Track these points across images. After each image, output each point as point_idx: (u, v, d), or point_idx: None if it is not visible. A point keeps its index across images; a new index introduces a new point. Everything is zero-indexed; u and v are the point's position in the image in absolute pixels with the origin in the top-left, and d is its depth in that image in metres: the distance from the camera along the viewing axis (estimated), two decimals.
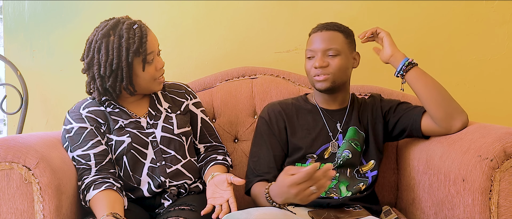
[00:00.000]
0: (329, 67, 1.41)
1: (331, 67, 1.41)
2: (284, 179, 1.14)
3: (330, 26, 1.44)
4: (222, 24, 1.93)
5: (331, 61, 1.41)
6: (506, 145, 1.15)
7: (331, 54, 1.41)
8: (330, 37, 1.42)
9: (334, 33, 1.43)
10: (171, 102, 1.52)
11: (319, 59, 1.41)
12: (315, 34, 1.45)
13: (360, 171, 1.45)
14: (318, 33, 1.44)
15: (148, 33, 1.39)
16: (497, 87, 1.93)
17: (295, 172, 1.11)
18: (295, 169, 1.14)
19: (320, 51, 1.42)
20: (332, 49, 1.41)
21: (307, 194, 1.11)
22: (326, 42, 1.42)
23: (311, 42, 1.45)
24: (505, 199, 1.16)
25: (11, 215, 1.20)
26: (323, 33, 1.43)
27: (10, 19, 1.97)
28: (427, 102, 1.38)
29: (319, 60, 1.41)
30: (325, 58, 1.42)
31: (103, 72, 1.35)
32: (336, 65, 1.41)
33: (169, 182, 1.42)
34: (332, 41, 1.42)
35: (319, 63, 1.41)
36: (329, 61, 1.41)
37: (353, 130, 1.47)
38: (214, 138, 1.58)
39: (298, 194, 1.11)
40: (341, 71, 1.42)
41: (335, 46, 1.41)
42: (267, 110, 1.52)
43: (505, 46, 1.92)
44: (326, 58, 1.42)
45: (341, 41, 1.43)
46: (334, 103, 1.50)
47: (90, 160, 1.34)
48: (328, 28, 1.44)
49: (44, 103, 1.98)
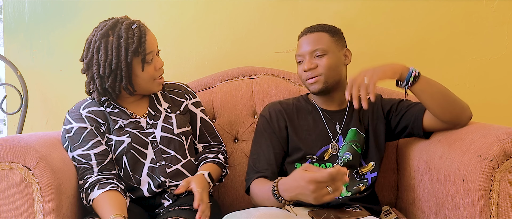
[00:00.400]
0: (318, 68, 1.42)
1: (320, 67, 1.42)
2: (302, 173, 1.12)
3: (314, 28, 1.46)
4: (222, 24, 1.93)
5: (319, 61, 1.42)
6: (506, 145, 1.15)
7: (318, 54, 1.42)
8: (315, 38, 1.44)
9: (318, 34, 1.44)
10: (171, 102, 1.52)
11: (307, 61, 1.43)
12: (301, 39, 1.47)
13: (359, 172, 1.45)
14: (304, 37, 1.47)
15: (147, 33, 1.39)
16: (497, 87, 1.93)
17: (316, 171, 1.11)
18: (315, 168, 1.13)
19: (307, 54, 1.43)
20: (318, 50, 1.42)
21: (323, 194, 1.10)
22: (312, 44, 1.43)
23: (298, 47, 1.48)
24: (505, 199, 1.15)
25: (11, 215, 1.20)
26: (308, 36, 1.45)
27: (10, 19, 1.97)
28: (433, 110, 1.35)
29: (307, 63, 1.42)
30: (313, 59, 1.43)
31: (102, 72, 1.35)
32: (325, 64, 1.42)
33: (169, 182, 1.42)
34: (317, 42, 1.43)
35: (307, 65, 1.42)
36: (317, 62, 1.42)
37: (354, 132, 1.47)
38: (213, 137, 1.58)
39: (315, 191, 1.09)
40: (331, 70, 1.42)
41: (321, 46, 1.42)
42: (268, 109, 1.52)
43: (505, 46, 1.92)
44: (314, 60, 1.43)
45: (327, 40, 1.44)
46: (332, 104, 1.50)
47: (91, 160, 1.35)
48: (312, 30, 1.46)
49: (44, 103, 1.98)
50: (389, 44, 1.90)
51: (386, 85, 1.78)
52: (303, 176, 1.11)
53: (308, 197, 1.12)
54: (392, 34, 1.91)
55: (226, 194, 1.70)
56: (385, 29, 1.91)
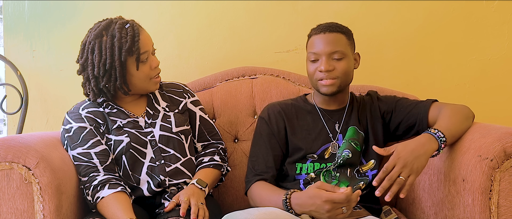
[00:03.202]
0: (335, 71, 1.39)
1: (337, 71, 1.39)
2: (319, 192, 1.17)
3: (333, 28, 1.40)
4: (222, 24, 1.93)
5: (336, 64, 1.39)
6: (506, 145, 1.15)
7: (336, 58, 1.38)
8: (333, 39, 1.39)
9: (337, 35, 1.40)
10: (169, 101, 1.53)
11: (324, 62, 1.38)
12: (318, 36, 1.41)
13: (360, 170, 1.45)
14: (321, 35, 1.40)
15: (141, 32, 1.40)
16: (497, 87, 1.93)
17: (330, 190, 1.17)
18: (330, 187, 1.18)
19: (325, 54, 1.38)
20: (337, 52, 1.38)
21: (338, 213, 1.17)
22: (331, 45, 1.38)
23: (313, 45, 1.42)
24: (505, 199, 1.16)
25: (11, 215, 1.20)
26: (326, 35, 1.40)
27: (10, 19, 1.97)
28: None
29: (325, 64, 1.38)
30: (331, 61, 1.39)
31: (97, 73, 1.36)
32: (342, 68, 1.39)
33: (169, 181, 1.42)
34: (336, 43, 1.39)
35: (325, 67, 1.38)
36: (335, 65, 1.39)
37: (353, 130, 1.47)
38: (213, 136, 1.58)
39: (330, 210, 1.15)
40: (347, 75, 1.41)
41: (340, 48, 1.38)
42: (267, 111, 1.52)
43: (505, 46, 1.91)
44: (332, 62, 1.39)
45: (345, 43, 1.40)
46: (333, 104, 1.50)
47: (92, 159, 1.35)
48: (331, 29, 1.40)
49: (44, 103, 1.98)
50: (389, 44, 1.90)
51: (386, 84, 1.78)
52: (320, 195, 1.16)
53: (322, 216, 1.17)
54: (392, 34, 1.91)
55: (226, 194, 1.70)
56: (385, 29, 1.91)
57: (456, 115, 1.33)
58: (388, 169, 1.19)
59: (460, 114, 1.34)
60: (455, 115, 1.33)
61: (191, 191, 1.35)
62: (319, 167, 1.43)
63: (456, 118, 1.32)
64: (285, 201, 1.24)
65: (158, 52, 1.50)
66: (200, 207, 1.29)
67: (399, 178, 1.17)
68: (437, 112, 1.39)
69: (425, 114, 1.41)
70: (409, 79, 1.91)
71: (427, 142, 1.23)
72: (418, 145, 1.21)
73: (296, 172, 1.44)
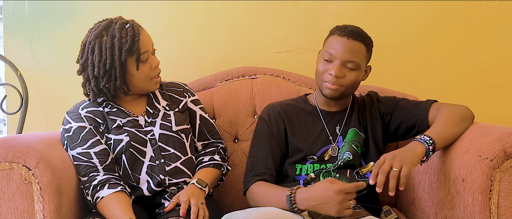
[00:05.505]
0: (344, 79, 1.38)
1: (346, 80, 1.38)
2: (331, 185, 1.19)
3: (357, 36, 1.37)
4: (222, 24, 1.93)
5: (347, 73, 1.37)
6: (506, 145, 1.15)
7: (350, 67, 1.37)
8: (354, 48, 1.36)
9: (358, 45, 1.37)
10: (169, 100, 1.53)
11: (337, 68, 1.36)
12: (340, 39, 1.37)
13: (360, 172, 1.45)
14: (344, 39, 1.36)
15: (141, 32, 1.40)
16: (497, 87, 1.93)
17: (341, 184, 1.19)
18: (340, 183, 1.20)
19: (340, 59, 1.36)
20: (352, 63, 1.36)
21: (346, 206, 1.19)
22: (349, 53, 1.35)
23: (331, 45, 1.39)
24: (505, 199, 1.16)
25: (11, 215, 1.20)
26: (349, 41, 1.36)
27: (10, 19, 1.97)
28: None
29: (337, 70, 1.36)
30: (343, 68, 1.37)
31: (97, 73, 1.36)
32: (351, 79, 1.38)
33: (169, 180, 1.42)
34: (355, 53, 1.36)
35: (336, 72, 1.36)
36: (346, 73, 1.37)
37: (353, 132, 1.47)
38: (213, 135, 1.58)
39: (341, 202, 1.17)
40: (353, 86, 1.41)
41: (356, 59, 1.36)
42: (267, 111, 1.52)
43: (505, 46, 1.92)
44: (344, 69, 1.37)
45: (362, 55, 1.39)
46: (335, 106, 1.50)
47: (92, 159, 1.35)
48: (355, 37, 1.36)
49: (44, 103, 1.98)
50: (389, 44, 1.90)
51: (386, 84, 1.78)
52: (333, 187, 1.19)
53: (331, 208, 1.19)
54: (393, 34, 1.91)
55: (226, 194, 1.70)
56: (385, 29, 1.91)
57: (451, 118, 1.33)
58: (379, 164, 1.21)
59: (455, 117, 1.34)
60: (450, 118, 1.33)
61: (191, 191, 1.35)
62: (319, 168, 1.43)
63: (451, 120, 1.32)
64: (290, 196, 1.24)
65: (158, 52, 1.50)
66: (200, 207, 1.29)
67: (393, 170, 1.18)
68: (436, 113, 1.39)
69: (425, 115, 1.41)
70: (409, 79, 1.91)
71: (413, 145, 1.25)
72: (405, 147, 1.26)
73: (295, 172, 1.44)
